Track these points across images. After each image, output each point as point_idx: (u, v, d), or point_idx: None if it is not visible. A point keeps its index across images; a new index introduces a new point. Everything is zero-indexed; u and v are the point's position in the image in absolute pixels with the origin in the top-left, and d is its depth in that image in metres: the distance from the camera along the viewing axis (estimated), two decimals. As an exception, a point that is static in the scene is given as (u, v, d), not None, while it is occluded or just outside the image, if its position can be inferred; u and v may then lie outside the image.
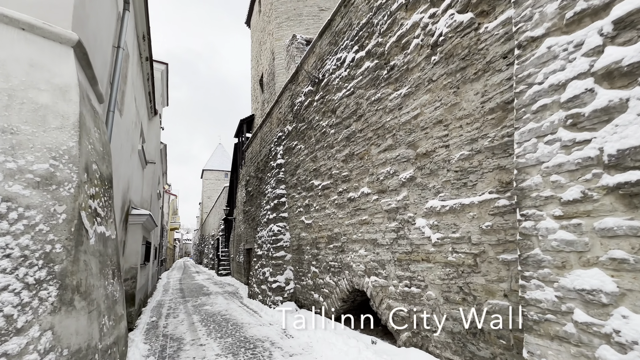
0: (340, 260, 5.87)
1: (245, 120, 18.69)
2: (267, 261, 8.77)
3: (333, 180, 6.37)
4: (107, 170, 3.33)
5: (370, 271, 4.94)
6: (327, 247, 6.43)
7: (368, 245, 5.07)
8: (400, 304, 4.24)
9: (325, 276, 6.43)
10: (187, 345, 5.20)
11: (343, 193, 5.95)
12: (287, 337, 5.42)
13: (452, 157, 3.59)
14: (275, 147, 10.21)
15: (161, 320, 7.35)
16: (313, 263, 7.05)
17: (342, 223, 5.93)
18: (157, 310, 8.76)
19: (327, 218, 6.50)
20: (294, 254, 8.24)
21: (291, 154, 8.87)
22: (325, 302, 6.33)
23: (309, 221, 7.37)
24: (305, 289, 7.37)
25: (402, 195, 4.37)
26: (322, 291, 6.49)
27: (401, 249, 4.30)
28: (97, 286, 2.51)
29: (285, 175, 9.25)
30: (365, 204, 5.21)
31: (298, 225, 8.06)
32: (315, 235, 7.05)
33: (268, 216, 9.37)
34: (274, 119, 11.20)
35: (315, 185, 7.17)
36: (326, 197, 6.64)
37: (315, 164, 7.27)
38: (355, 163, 5.60)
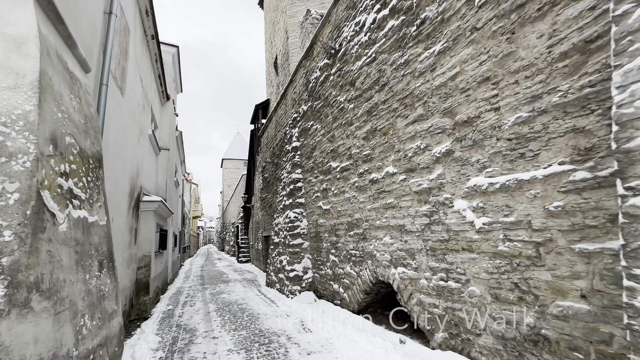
0: (362, 248, 5.30)
1: (261, 106, 18.20)
2: (284, 249, 8.37)
3: (353, 161, 5.73)
4: (92, 147, 2.90)
5: (397, 261, 4.34)
6: (347, 235, 5.87)
7: (394, 232, 4.45)
8: (434, 300, 3.63)
9: (345, 266, 5.91)
10: (199, 338, 4.89)
11: (364, 174, 5.32)
12: (305, 332, 4.99)
13: (504, 122, 2.86)
14: (290, 130, 9.65)
15: (177, 308, 7.18)
16: (332, 251, 6.54)
17: (363, 208, 5.33)
18: (175, 297, 8.66)
19: (347, 203, 5.92)
20: (312, 242, 7.77)
21: (307, 135, 8.27)
22: (346, 294, 5.83)
23: (327, 207, 6.82)
24: (325, 279, 6.91)
25: (435, 174, 3.68)
26: (343, 282, 5.98)
27: (435, 236, 3.65)
28: (72, 281, 2.09)
29: (301, 158, 8.70)
30: (390, 186, 4.57)
31: (315, 211, 7.54)
32: (333, 221, 6.51)
33: (284, 202, 8.92)
34: (288, 100, 10.59)
35: (333, 167, 6.57)
36: (345, 179, 6.03)
37: (332, 144, 6.65)
38: (378, 140, 4.93)
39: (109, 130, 4.48)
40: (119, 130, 5.08)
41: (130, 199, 5.99)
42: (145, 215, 6.96)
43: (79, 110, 2.71)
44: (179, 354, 4.25)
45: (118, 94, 4.95)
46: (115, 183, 4.89)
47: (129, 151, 5.85)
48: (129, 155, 5.85)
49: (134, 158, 6.28)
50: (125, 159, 5.55)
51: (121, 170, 5.24)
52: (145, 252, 6.79)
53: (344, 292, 5.90)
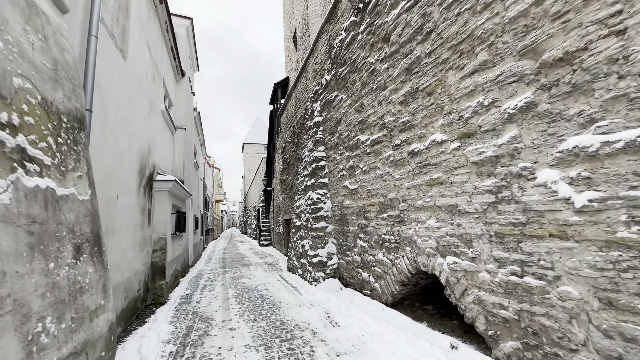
0: (398, 233, 4.53)
1: (280, 84, 17.36)
2: (306, 233, 7.77)
3: (387, 132, 4.88)
4: (68, 102, 2.28)
5: (446, 249, 3.54)
6: (379, 217, 5.11)
7: (442, 214, 3.63)
8: (500, 299, 2.83)
9: (376, 252, 5.18)
10: (215, 329, 4.42)
11: (401, 146, 4.47)
12: (332, 326, 4.38)
13: (635, 50, 1.92)
14: (311, 105, 8.83)
15: (196, 293, 6.84)
16: (360, 236, 5.82)
17: (400, 186, 4.52)
18: (195, 281, 8.39)
19: (379, 180, 5.12)
20: (337, 225, 7.08)
21: (330, 108, 7.44)
22: (378, 284, 5.13)
23: (354, 186, 6.06)
24: (351, 266, 6.25)
25: (506, 137, 2.79)
26: (373, 270, 5.28)
27: (503, 218, 2.81)
28: (19, 274, 1.51)
29: (324, 134, 7.91)
30: (437, 157, 3.71)
31: (340, 191, 6.80)
32: (362, 202, 5.75)
33: (306, 183, 8.25)
34: (309, 73, 9.71)
35: (361, 141, 5.75)
36: (377, 154, 5.21)
37: (361, 115, 5.80)
38: (421, 102, 4.04)
39: (107, 96, 3.91)
40: (122, 99, 4.51)
41: (141, 177, 5.52)
42: (160, 195, 6.54)
43: (42, 51, 2.07)
44: (192, 348, 3.77)
45: (118, 56, 4.35)
46: (120, 157, 4.38)
47: (137, 125, 5.32)
48: (137, 129, 5.33)
49: (144, 133, 5.77)
50: (132, 132, 5.03)
51: (127, 144, 4.72)
52: (161, 234, 6.41)
53: (375, 282, 5.21)
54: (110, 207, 4.00)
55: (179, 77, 10.17)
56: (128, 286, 4.69)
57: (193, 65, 13.16)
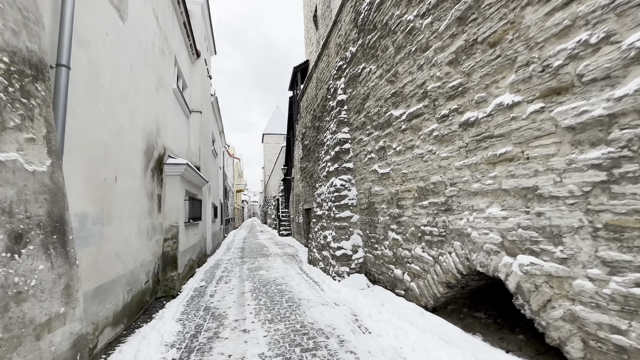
0: (444, 224, 3.71)
1: (300, 68, 16.55)
2: (329, 223, 7.08)
3: (429, 101, 4.02)
4: (15, 40, 1.66)
5: (517, 245, 2.70)
6: (418, 205, 4.30)
7: (510, 200, 2.78)
8: (614, 319, 1.99)
9: (413, 247, 4.40)
10: (226, 330, 3.85)
11: (450, 117, 3.60)
12: (361, 332, 3.69)
13: None
14: (334, 83, 8.00)
15: (210, 285, 6.37)
16: (392, 227, 5.04)
17: (447, 166, 3.67)
18: (211, 272, 7.98)
19: (418, 161, 4.28)
20: (363, 215, 6.33)
21: (356, 83, 6.59)
22: (415, 284, 4.36)
23: (385, 170, 5.25)
24: (380, 261, 5.50)
25: (633, 85, 1.90)
26: (409, 267, 4.50)
27: (624, 204, 1.94)
28: None
29: (349, 114, 7.09)
30: (504, 126, 2.84)
31: (368, 177, 6.02)
32: (395, 188, 4.95)
33: (328, 168, 7.51)
34: (331, 49, 8.85)
35: (394, 117, 4.91)
36: (415, 130, 4.36)
37: (394, 86, 4.94)
38: (480, 57, 3.14)
39: (99, 58, 3.32)
40: (121, 66, 3.94)
41: (148, 158, 5.01)
42: (171, 180, 6.05)
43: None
44: (197, 355, 3.21)
45: (114, 15, 3.75)
46: (118, 133, 3.83)
47: (142, 100, 4.77)
48: (142, 105, 4.78)
49: (151, 110, 5.24)
50: (135, 107, 4.48)
51: (128, 120, 4.18)
52: (173, 222, 5.94)
53: (411, 281, 4.43)
54: (106, 189, 3.46)
55: (193, 58, 9.64)
56: (132, 278, 4.22)
57: (210, 48, 12.63)
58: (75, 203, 2.80)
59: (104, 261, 3.37)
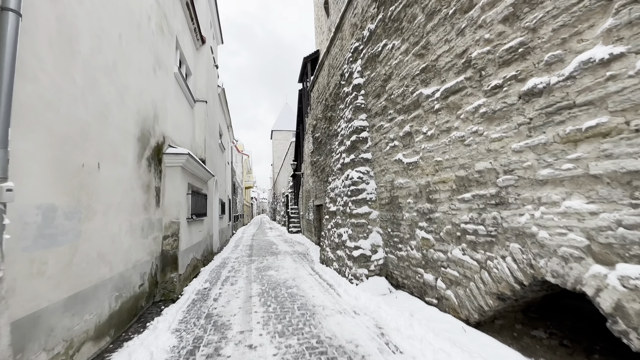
0: (495, 221, 3.00)
1: (310, 58, 15.86)
2: (344, 220, 6.43)
3: (473, 72, 3.30)
4: None
5: (616, 250, 1.99)
6: (456, 198, 3.60)
7: (603, 190, 2.07)
8: None
9: (450, 248, 3.70)
10: (229, 346, 3.26)
11: (504, 88, 2.89)
12: (391, 351, 3.03)
13: None
14: (349, 66, 7.31)
15: (215, 287, 5.82)
16: (421, 225, 4.35)
17: (499, 149, 2.96)
18: (217, 271, 7.44)
19: (457, 146, 3.58)
20: (384, 211, 5.65)
21: (375, 63, 5.89)
22: (452, 292, 3.67)
23: (412, 159, 4.55)
24: (406, 263, 4.82)
25: None
26: (444, 272, 3.81)
27: None
28: None
29: (367, 99, 6.39)
30: (593, 90, 2.12)
31: (390, 167, 5.33)
32: (425, 179, 4.25)
33: (343, 160, 6.85)
34: (345, 31, 8.14)
35: (425, 96, 4.20)
36: (453, 109, 3.65)
37: (424, 60, 4.22)
38: (551, 7, 2.42)
39: (74, 18, 2.73)
40: (106, 35, 3.35)
41: (142, 146, 4.44)
42: (171, 171, 5.49)
43: None
44: (193, 380, 2.62)
45: (95, -28, 3.16)
46: (102, 112, 3.25)
47: (135, 79, 4.20)
48: (135, 85, 4.21)
49: (146, 93, 4.66)
50: (126, 86, 3.90)
51: (116, 98, 3.60)
52: (173, 217, 5.39)
53: (447, 289, 3.74)
54: (85, 178, 2.89)
55: (198, 44, 9.07)
56: (122, 282, 3.66)
57: (216, 36, 12.08)
58: (38, 192, 2.23)
59: (82, 264, 2.81)
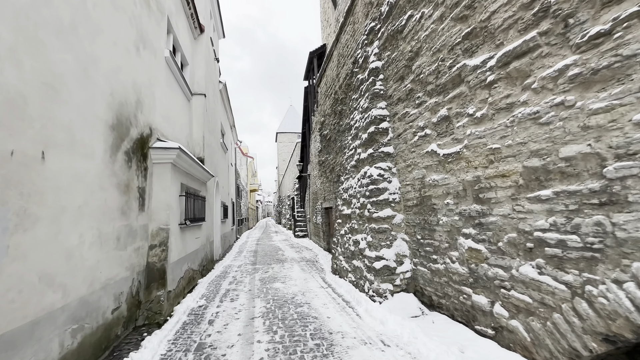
0: (601, 229, 2.08)
1: (316, 53, 15.06)
2: (361, 224, 5.54)
3: (553, 22, 2.40)
4: None
5: None
6: (525, 197, 2.68)
7: None
8: None
9: (516, 263, 2.78)
10: (221, 400, 2.39)
11: (610, 36, 1.98)
12: (448, 414, 2.12)
13: None
14: (363, 50, 6.45)
15: (211, 305, 4.96)
16: (466, 232, 3.44)
17: (606, 125, 2.05)
18: (217, 283, 6.59)
19: (527, 126, 2.67)
20: (411, 214, 4.74)
21: (397, 42, 5.02)
22: (519, 323, 2.73)
23: (452, 148, 3.66)
24: (443, 279, 3.90)
25: None
26: (507, 296, 2.88)
27: None
28: None
29: (386, 83, 5.52)
30: None
31: (419, 162, 4.43)
32: (472, 174, 3.34)
33: (358, 156, 5.97)
34: (358, 13, 7.30)
35: (470, 68, 3.31)
36: (514, 79, 2.75)
37: (467, 24, 3.34)
38: None
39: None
40: None
41: (118, 136, 3.62)
42: (160, 169, 4.67)
43: None
44: None
45: None
46: (50, 84, 2.43)
47: (107, 52, 3.38)
48: (108, 59, 3.39)
49: (125, 72, 3.85)
50: (94, 58, 3.09)
51: (76, 70, 2.78)
52: (161, 224, 4.55)
53: (512, 318, 2.82)
54: (18, 171, 2.06)
55: (196, 33, 8.31)
56: (84, 310, 2.82)
57: (217, 28, 11.34)
58: None
59: (9, 293, 1.97)
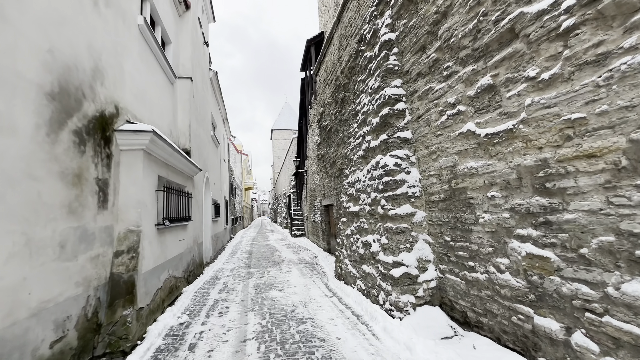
0: None
1: (314, 41, 14.15)
2: (373, 223, 4.72)
3: None
4: None
5: None
6: (630, 186, 1.88)
7: None
8: None
9: (614, 278, 1.97)
10: None
11: None
12: None
13: None
14: (372, 24, 5.60)
15: (195, 322, 4.11)
16: (522, 232, 2.63)
17: None
18: (204, 292, 5.73)
19: (631, 86, 1.86)
20: (436, 210, 3.93)
21: (415, 5, 4.18)
22: (619, 362, 1.94)
23: (496, 127, 2.84)
24: (485, 292, 3.09)
25: None
26: (597, 323, 2.07)
27: None
28: None
29: (401, 57, 4.68)
30: None
31: (448, 147, 3.62)
32: (532, 157, 2.53)
33: (368, 144, 5.14)
34: (364, -16, 6.44)
35: (528, 18, 2.49)
36: (609, 20, 1.94)
37: (527, -43, 2.51)
38: None
39: None
40: None
41: (63, 109, 2.73)
42: (129, 157, 3.79)
43: None
44: None
45: None
46: None
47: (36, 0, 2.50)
48: (47, 6, 2.51)
49: (75, 28, 2.96)
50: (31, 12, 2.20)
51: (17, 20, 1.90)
52: (131, 225, 3.68)
53: (605, 357, 2.02)
54: None
55: (181, 9, 7.39)
56: (-5, 352, 1.95)
57: (206, 10, 10.40)
58: None
59: None
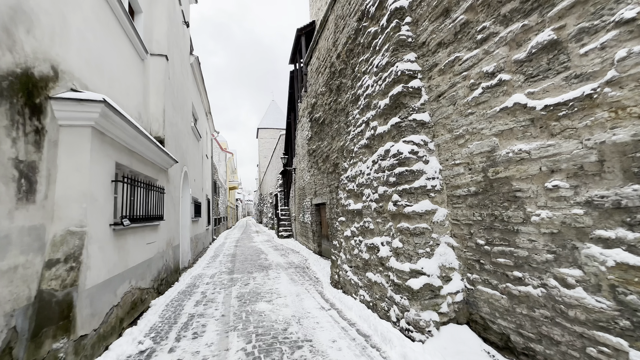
0: None
1: (304, 31, 13.36)
2: (381, 223, 3.97)
3: None
4: None
5: None
6: None
7: None
8: None
9: None
10: None
11: None
12: None
13: None
14: (377, -5, 4.87)
15: (161, 350, 3.22)
16: (603, 235, 1.94)
17: None
18: (177, 306, 4.81)
19: None
20: (463, 208, 3.23)
21: (440, -40, 3.48)
22: None
23: (560, 95, 2.15)
24: (539, 310, 2.39)
25: None
26: None
27: None
28: None
29: (416, 28, 3.97)
30: None
31: (482, 129, 2.92)
32: (620, 133, 1.85)
33: (374, 130, 4.40)
34: (366, -45, 5.72)
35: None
36: None
37: None
38: None
39: None
40: None
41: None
42: (72, 136, 2.87)
43: None
44: None
45: None
46: None
47: None
48: None
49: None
50: None
51: None
52: (72, 224, 2.76)
53: None
54: None
55: (156, -23, 6.42)
56: None
57: (187, -12, 9.40)
58: None
59: None
